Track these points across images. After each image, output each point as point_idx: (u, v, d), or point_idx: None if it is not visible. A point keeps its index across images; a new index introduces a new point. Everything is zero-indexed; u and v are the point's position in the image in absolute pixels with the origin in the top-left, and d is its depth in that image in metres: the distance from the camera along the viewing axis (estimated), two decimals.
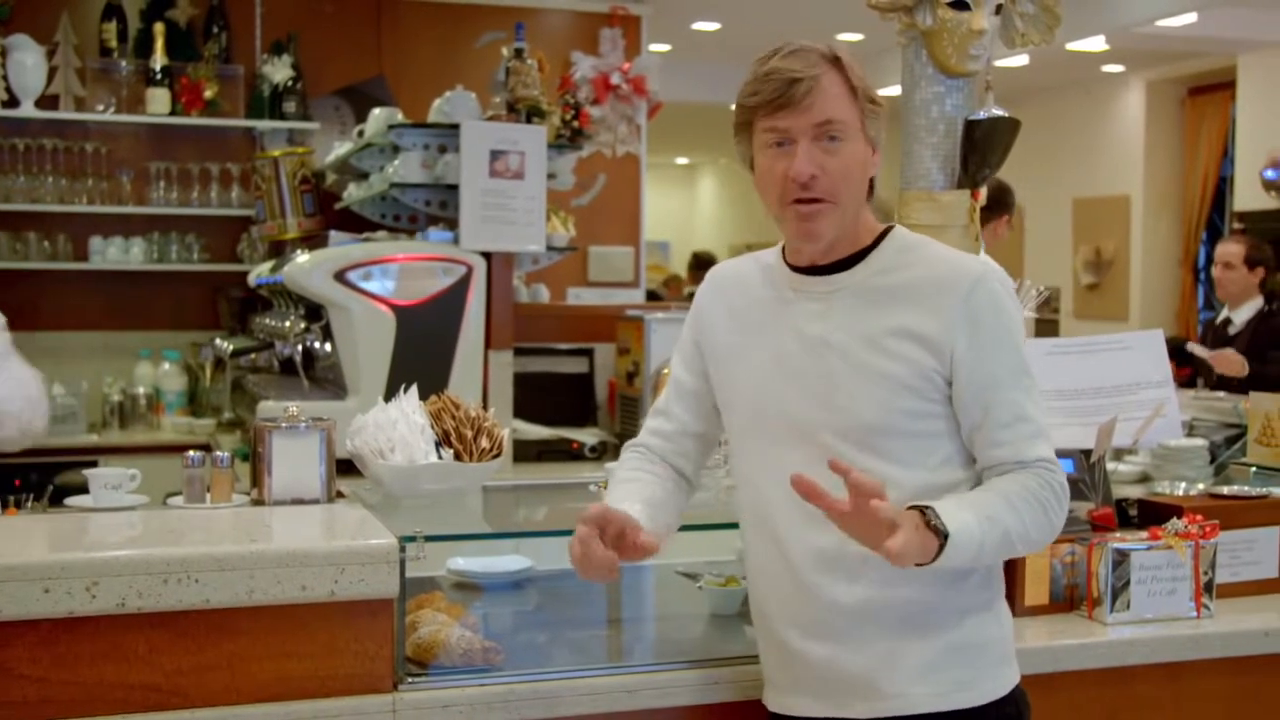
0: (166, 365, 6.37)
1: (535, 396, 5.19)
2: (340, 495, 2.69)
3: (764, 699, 2.24)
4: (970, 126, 2.86)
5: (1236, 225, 9.17)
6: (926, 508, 1.93)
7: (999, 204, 4.17)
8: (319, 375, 4.91)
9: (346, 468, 2.75)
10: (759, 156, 2.09)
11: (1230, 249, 6.25)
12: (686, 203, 18.39)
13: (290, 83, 6.57)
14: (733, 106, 2.12)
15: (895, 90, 2.92)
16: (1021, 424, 2.06)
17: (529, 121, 4.79)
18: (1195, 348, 6.09)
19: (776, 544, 2.12)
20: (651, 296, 8.80)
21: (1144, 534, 2.70)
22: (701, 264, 11.01)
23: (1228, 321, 6.24)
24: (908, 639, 2.07)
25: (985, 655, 2.11)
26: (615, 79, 7.29)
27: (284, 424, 2.61)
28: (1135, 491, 3.26)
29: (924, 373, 2.04)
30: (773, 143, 2.06)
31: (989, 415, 2.05)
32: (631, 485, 2.22)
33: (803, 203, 2.05)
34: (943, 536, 1.91)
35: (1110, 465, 3.15)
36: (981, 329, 2.05)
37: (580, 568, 2.01)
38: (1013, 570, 2.56)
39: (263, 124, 6.56)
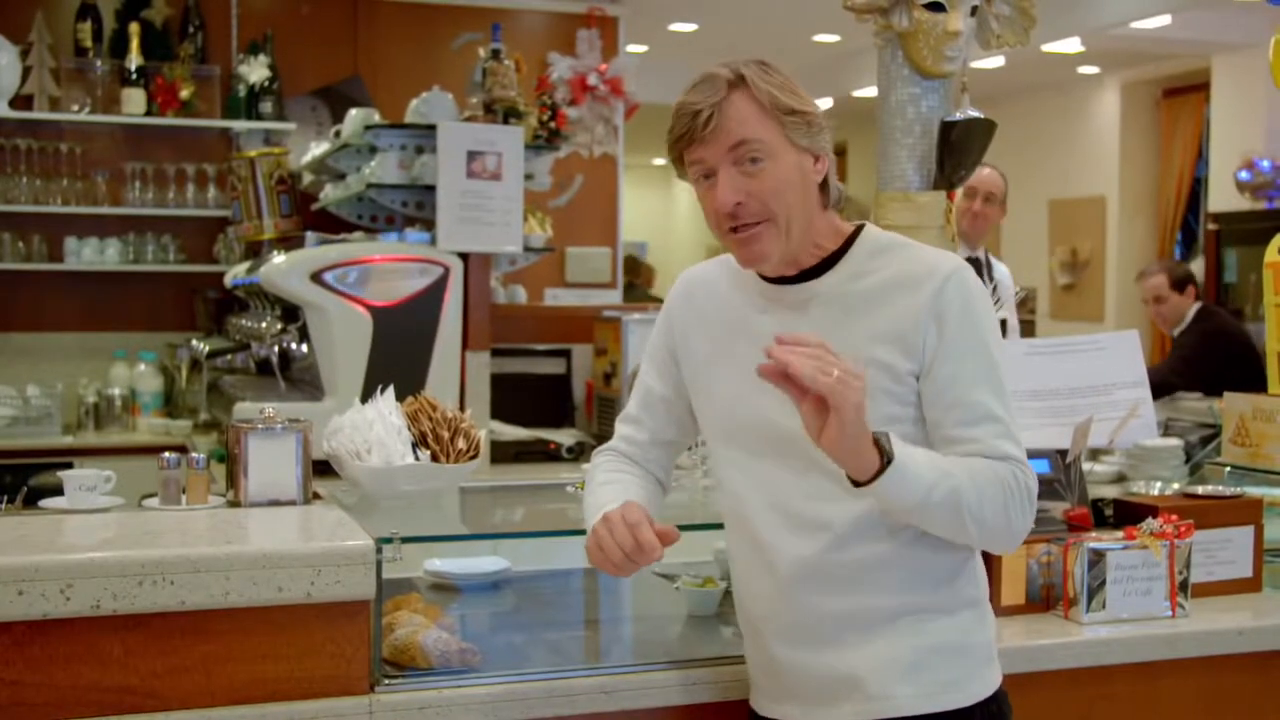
0: (142, 366, 6.33)
1: (512, 397, 5.19)
2: (317, 497, 2.68)
3: (751, 702, 2.23)
4: (946, 128, 2.87)
5: (1211, 226, 9.23)
6: (884, 434, 1.90)
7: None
8: (295, 376, 4.89)
9: (323, 469, 2.74)
10: (694, 189, 2.08)
11: (1155, 281, 6.15)
12: (664, 203, 18.41)
13: (266, 83, 6.54)
14: None
15: (872, 91, 2.92)
16: (989, 423, 2.01)
17: (506, 122, 4.78)
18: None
19: (759, 551, 2.11)
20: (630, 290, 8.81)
21: (1119, 534, 2.71)
22: None
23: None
24: (894, 641, 2.05)
25: (971, 656, 2.10)
26: (592, 80, 7.28)
27: (260, 425, 2.60)
28: (1111, 491, 3.27)
29: (901, 378, 2.03)
30: (700, 175, 2.04)
31: (954, 413, 2.02)
32: (614, 487, 2.20)
33: (737, 230, 2.03)
34: (886, 460, 1.88)
35: (1086, 465, 3.16)
36: (950, 325, 2.02)
37: (597, 558, 2.05)
38: (989, 570, 2.56)
39: (239, 124, 6.53)
